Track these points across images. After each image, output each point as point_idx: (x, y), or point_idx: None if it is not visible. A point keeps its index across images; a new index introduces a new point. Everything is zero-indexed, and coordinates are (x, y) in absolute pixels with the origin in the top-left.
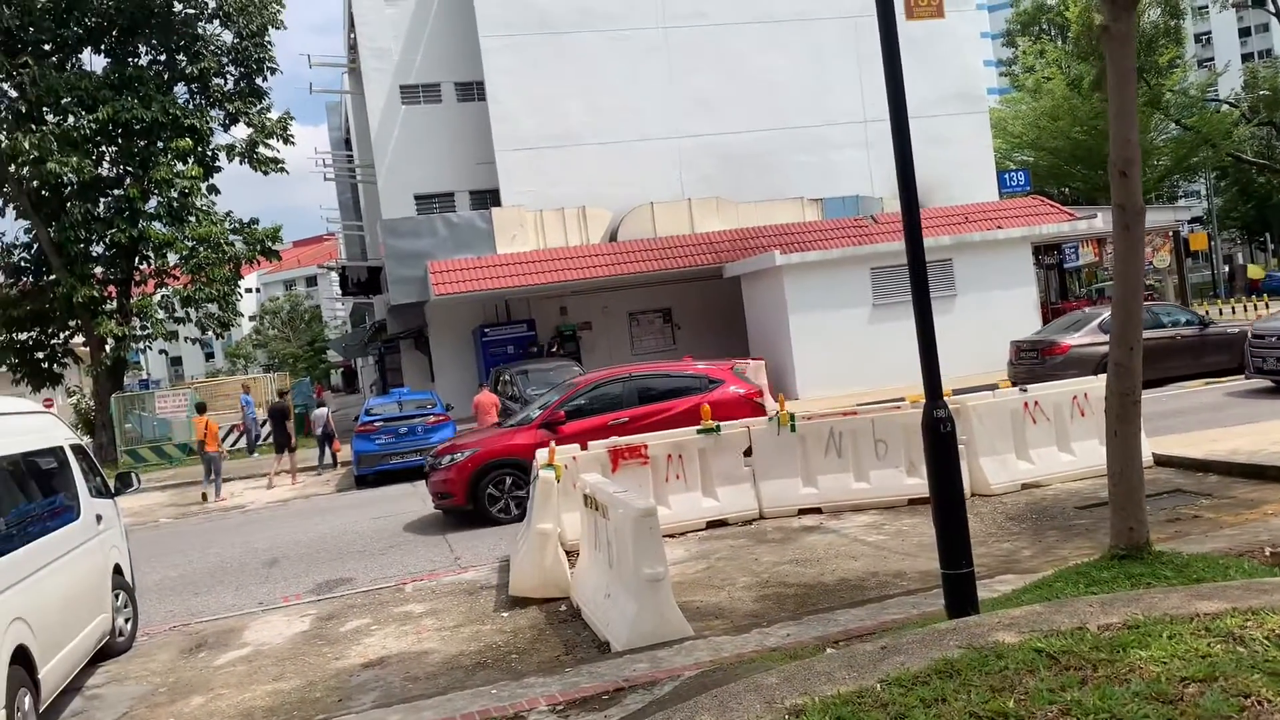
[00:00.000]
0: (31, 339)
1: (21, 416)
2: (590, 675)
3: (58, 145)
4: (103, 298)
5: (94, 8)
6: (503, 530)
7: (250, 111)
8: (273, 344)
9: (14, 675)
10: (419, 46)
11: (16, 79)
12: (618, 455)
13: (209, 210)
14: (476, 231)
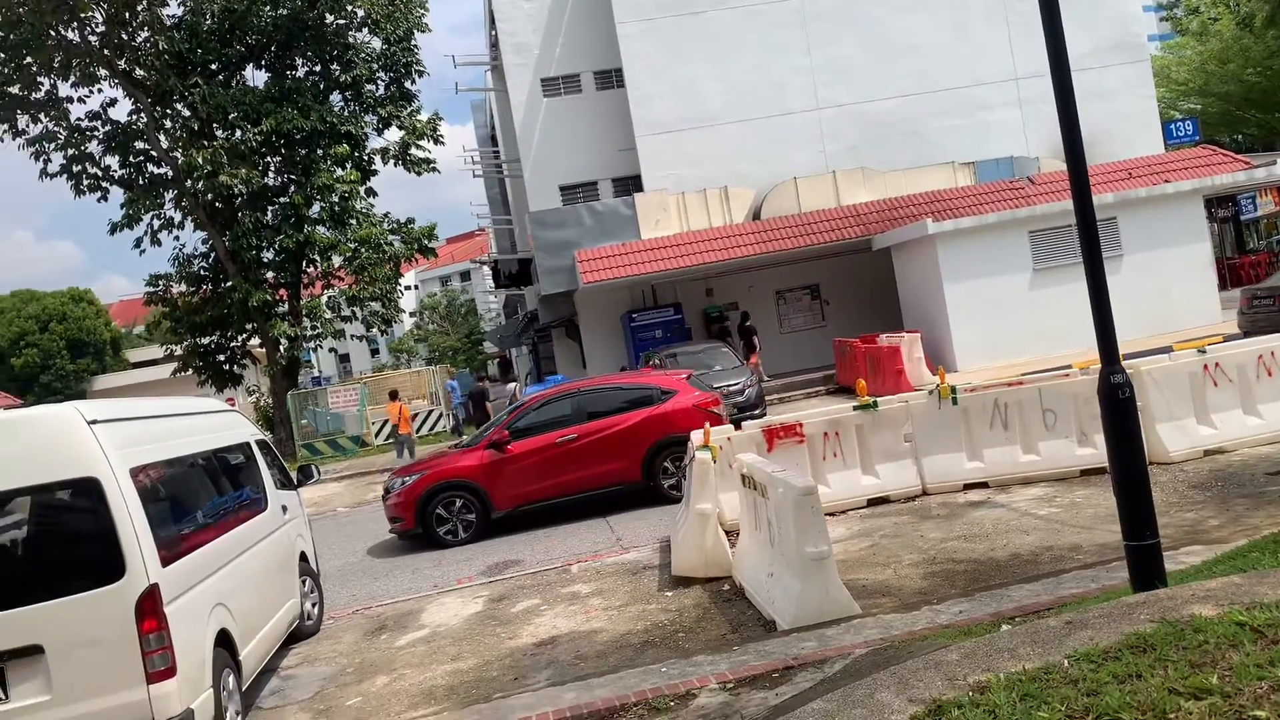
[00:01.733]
0: (213, 342)
1: (213, 415)
2: (758, 653)
3: (228, 158)
4: (275, 301)
5: (254, 26)
6: (664, 511)
7: (401, 115)
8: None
9: (218, 657)
10: (557, 38)
11: (189, 98)
12: (773, 434)
13: (368, 213)
14: (620, 218)
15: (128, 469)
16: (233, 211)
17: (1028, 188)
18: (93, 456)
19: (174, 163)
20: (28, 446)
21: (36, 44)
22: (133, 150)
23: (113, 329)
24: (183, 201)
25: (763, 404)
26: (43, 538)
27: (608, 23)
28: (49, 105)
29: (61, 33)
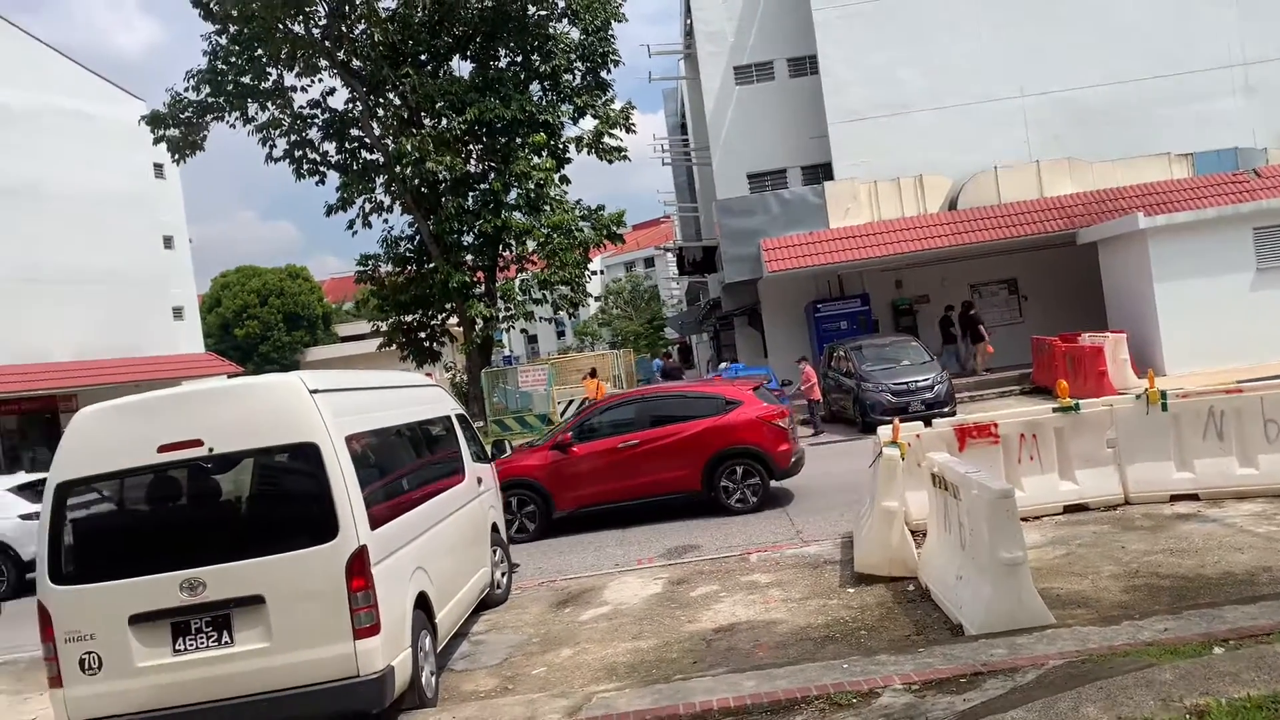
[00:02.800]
0: (415, 320)
1: (419, 389)
2: (945, 657)
3: (434, 146)
4: (473, 282)
5: (462, 18)
6: (845, 506)
7: (596, 104)
8: (616, 322)
9: (417, 619)
10: (752, 26)
11: (400, 88)
12: (965, 434)
13: (561, 199)
14: (809, 207)
15: (343, 436)
16: (437, 197)
17: (1253, 181)
18: (313, 423)
19: (385, 149)
20: (256, 411)
21: (266, 37)
22: (348, 137)
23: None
24: (392, 186)
25: (952, 401)
26: (265, 496)
27: (803, 9)
28: (275, 95)
29: (289, 26)
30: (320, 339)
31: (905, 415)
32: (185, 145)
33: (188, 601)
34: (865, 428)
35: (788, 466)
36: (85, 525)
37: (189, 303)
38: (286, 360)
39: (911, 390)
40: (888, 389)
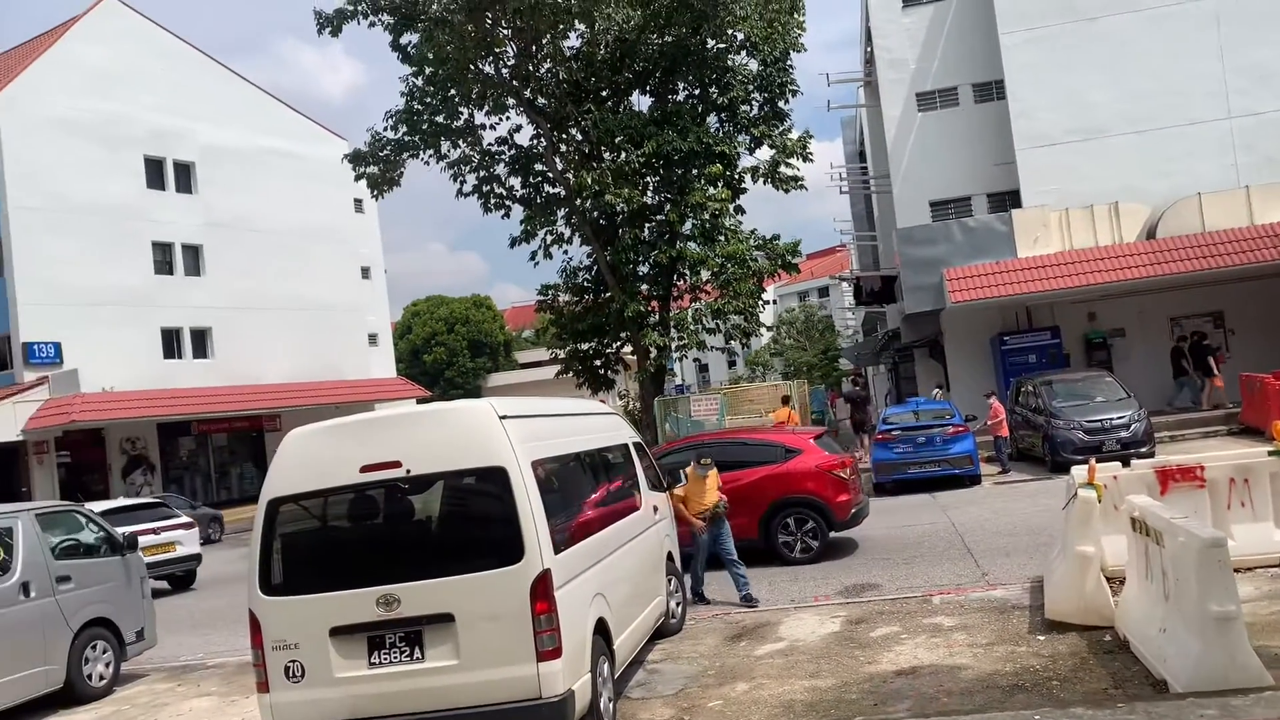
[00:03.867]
0: (591, 349)
1: (598, 416)
2: (1147, 714)
3: (613, 179)
4: (648, 312)
5: (642, 54)
6: (1034, 549)
7: (773, 134)
8: (789, 353)
9: (596, 644)
10: (935, 52)
11: (582, 124)
12: (1167, 476)
13: (736, 229)
14: (995, 235)
15: (529, 461)
16: (615, 228)
17: None
18: (501, 448)
19: (566, 183)
20: (449, 436)
21: (459, 78)
22: (532, 172)
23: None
24: (572, 219)
25: (1151, 441)
26: (455, 517)
27: (990, 34)
28: (466, 132)
29: (480, 68)
30: (501, 365)
31: (1099, 455)
32: (383, 182)
33: (383, 616)
34: (1055, 467)
35: (846, 518)
36: (292, 540)
37: (383, 330)
38: (470, 385)
39: (1106, 428)
40: (1080, 427)
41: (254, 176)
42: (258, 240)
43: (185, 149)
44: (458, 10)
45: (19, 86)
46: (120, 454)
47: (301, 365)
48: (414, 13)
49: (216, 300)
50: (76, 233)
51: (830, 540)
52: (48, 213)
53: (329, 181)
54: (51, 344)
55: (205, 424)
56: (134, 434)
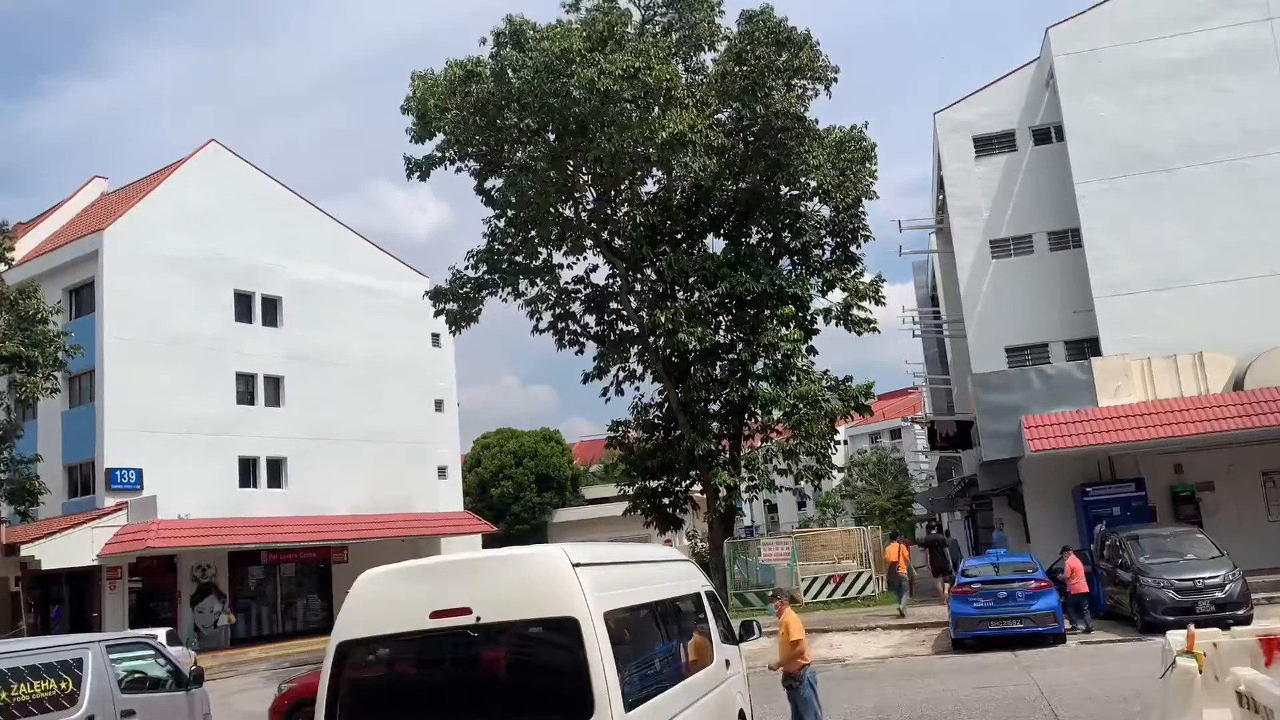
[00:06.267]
0: (660, 486)
1: (671, 564)
2: None
3: (686, 318)
4: (718, 450)
5: (717, 199)
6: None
7: (845, 277)
8: (860, 495)
9: None
10: (1009, 200)
11: (656, 264)
12: (1272, 645)
13: (808, 370)
14: (1074, 383)
15: (602, 612)
16: (686, 366)
17: None
18: (574, 598)
19: (640, 321)
20: (520, 582)
21: (540, 221)
22: (606, 310)
23: (573, 467)
24: (645, 356)
25: (1248, 603)
26: (524, 667)
27: (1064, 183)
28: (544, 271)
29: (560, 210)
30: (569, 500)
31: (1192, 617)
32: (462, 318)
33: None
34: (1145, 627)
35: None
36: (360, 684)
37: (453, 462)
38: (536, 520)
39: (1199, 588)
40: (1171, 585)
41: (337, 311)
42: (336, 373)
43: (274, 284)
44: (541, 158)
45: (124, 223)
46: (191, 581)
47: (371, 497)
48: (498, 159)
49: (293, 431)
50: (165, 363)
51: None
52: (140, 343)
53: (409, 316)
54: (133, 470)
55: (275, 554)
56: (205, 561)
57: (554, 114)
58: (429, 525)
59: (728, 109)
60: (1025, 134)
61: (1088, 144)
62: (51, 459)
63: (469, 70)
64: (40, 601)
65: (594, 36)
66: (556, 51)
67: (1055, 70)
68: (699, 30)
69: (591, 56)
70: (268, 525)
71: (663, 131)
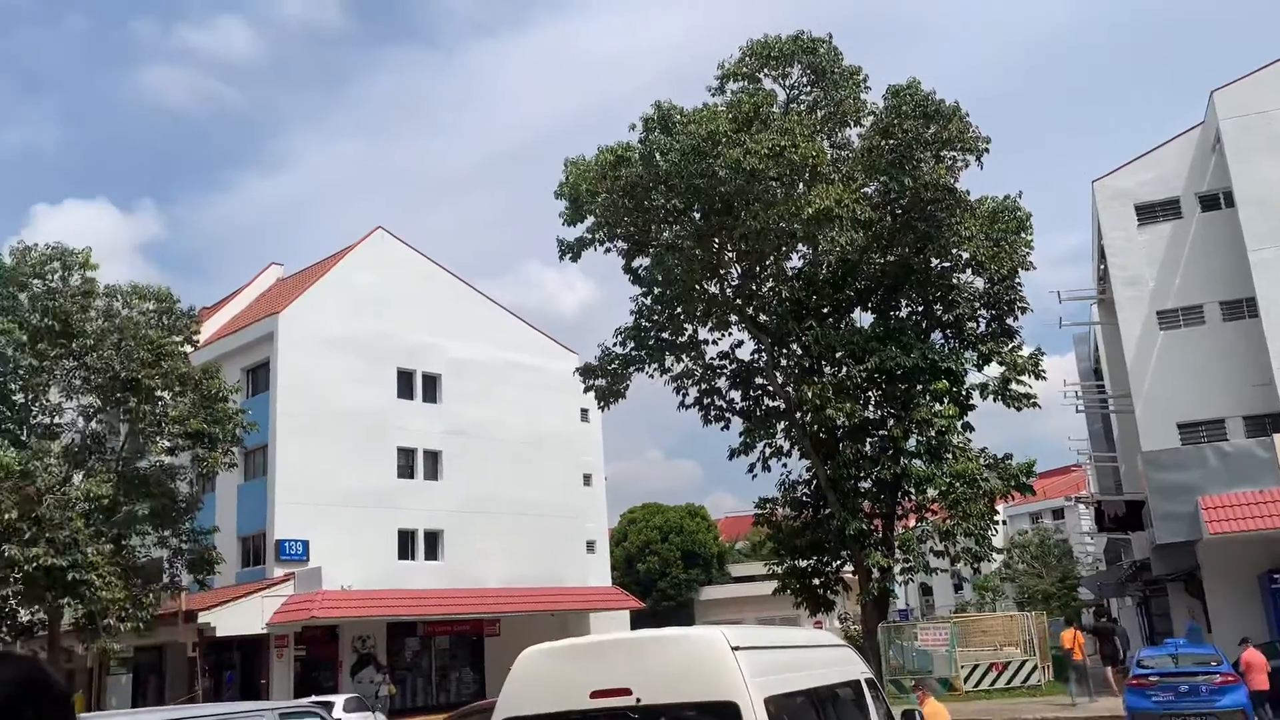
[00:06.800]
0: (810, 566)
1: (830, 649)
2: None
3: (834, 393)
4: (870, 530)
5: (864, 273)
6: None
7: (1002, 351)
8: (1021, 578)
9: None
10: (1176, 269)
11: (803, 340)
12: None
13: (964, 447)
14: (1256, 462)
15: (763, 697)
16: (835, 442)
17: None
18: (734, 682)
19: (787, 397)
20: (679, 664)
21: (686, 298)
22: (753, 385)
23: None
24: (792, 432)
25: None
26: None
27: (1236, 250)
28: (690, 347)
29: (705, 287)
30: (715, 578)
31: None
32: (610, 394)
33: None
34: None
35: None
36: None
37: (600, 536)
38: (682, 598)
39: None
40: None
41: (492, 387)
42: (491, 447)
43: (434, 362)
44: (687, 237)
45: (297, 307)
46: (352, 651)
47: (522, 570)
48: (646, 240)
49: (450, 504)
50: (332, 438)
51: None
52: (309, 419)
53: (559, 391)
54: (300, 542)
55: (431, 626)
56: (365, 632)
57: (700, 194)
58: (579, 600)
59: (875, 182)
60: (1191, 200)
61: (1260, 209)
62: (227, 530)
63: (619, 155)
64: (214, 667)
65: (739, 118)
66: (703, 134)
67: (1222, 134)
68: (844, 106)
69: (737, 137)
70: (425, 597)
71: (809, 207)
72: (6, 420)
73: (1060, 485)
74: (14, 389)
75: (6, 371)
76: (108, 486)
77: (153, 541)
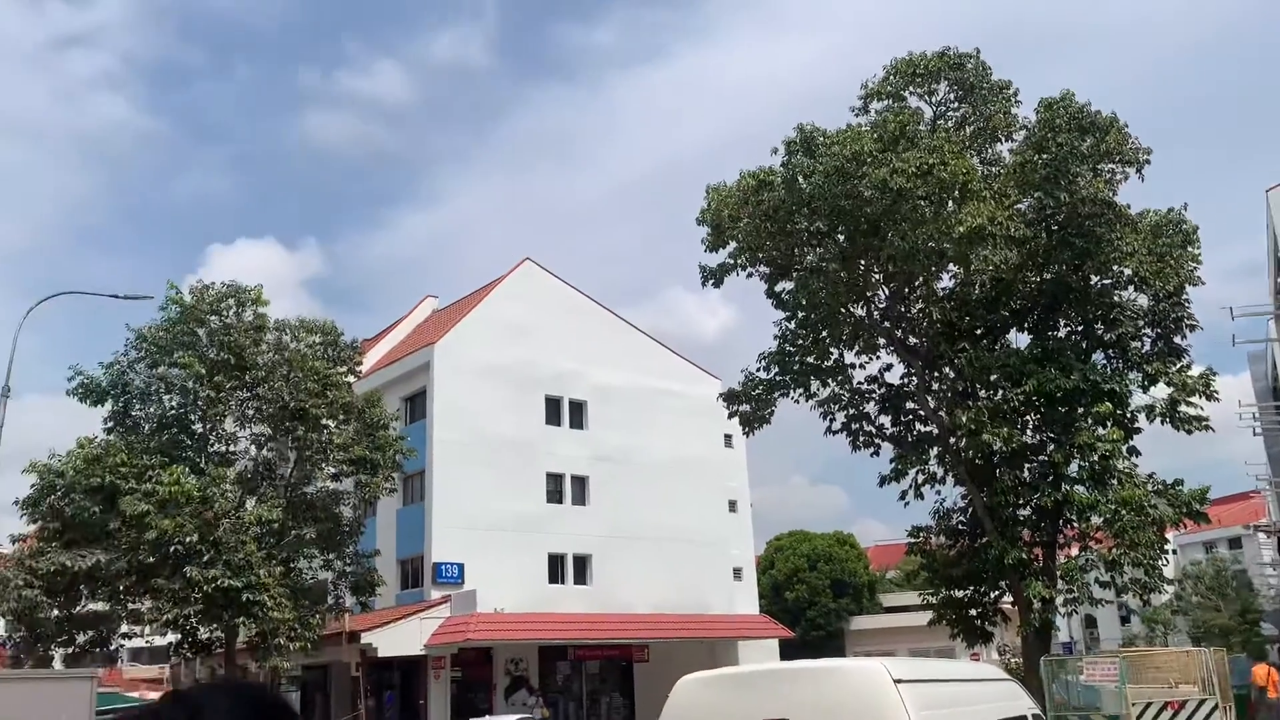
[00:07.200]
0: (966, 596)
1: (995, 683)
2: None
3: (989, 418)
4: (1030, 560)
5: (1019, 292)
6: None
7: (1169, 371)
8: (1195, 612)
9: None
10: None
11: (955, 362)
12: None
13: (1130, 472)
14: None
15: None
16: (991, 468)
17: None
18: (897, 716)
19: (940, 422)
20: (839, 696)
21: (831, 321)
22: (903, 410)
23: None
24: (945, 458)
25: None
26: None
27: None
28: (836, 372)
29: (851, 310)
30: (865, 608)
31: None
32: (755, 419)
33: None
34: None
35: None
36: None
37: (747, 564)
38: (832, 627)
39: None
40: None
41: (637, 414)
42: (636, 473)
43: (580, 389)
44: (832, 259)
45: (451, 338)
46: (504, 674)
47: (668, 596)
48: (789, 263)
49: (597, 529)
50: (485, 463)
51: None
52: (463, 446)
53: (702, 417)
54: (456, 565)
55: (581, 650)
56: (517, 655)
57: (845, 215)
58: (727, 627)
59: (1028, 198)
60: None
61: None
62: (387, 553)
63: (760, 179)
64: (375, 687)
65: (885, 137)
66: (847, 154)
67: None
68: (994, 121)
69: (883, 156)
70: (574, 621)
71: (960, 226)
72: (187, 449)
73: (1237, 513)
74: (194, 419)
75: (187, 403)
76: (278, 511)
77: (319, 564)
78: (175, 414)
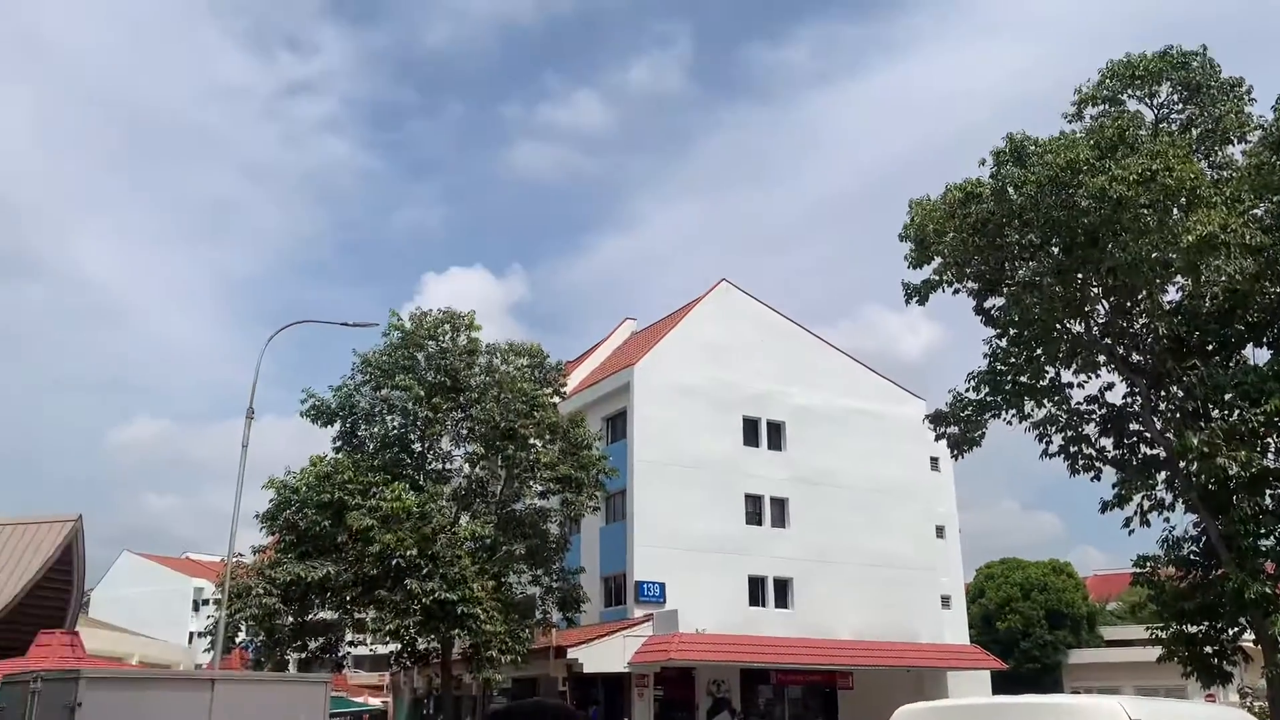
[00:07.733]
0: (1200, 632)
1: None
2: None
3: (1224, 440)
4: (1273, 594)
5: (1256, 304)
6: None
7: None
8: None
9: None
10: None
11: (1185, 380)
12: None
13: None
14: None
15: None
16: (1228, 494)
17: None
18: None
19: (1167, 444)
20: None
21: (1045, 338)
22: (1126, 431)
23: (1088, 603)
24: (1174, 483)
25: None
26: None
27: None
28: (1052, 392)
29: (1068, 326)
30: (1084, 641)
31: None
32: (963, 442)
33: None
34: None
35: None
36: None
37: (956, 592)
38: (1048, 660)
39: None
40: None
41: (836, 435)
42: (836, 495)
43: (778, 410)
44: (1046, 273)
45: (650, 359)
46: (706, 695)
47: (872, 622)
48: (999, 278)
49: (797, 552)
50: (684, 484)
51: None
52: (663, 465)
53: (905, 439)
54: (657, 584)
55: (784, 674)
56: (719, 676)
57: (1060, 227)
58: (935, 657)
59: (1265, 203)
60: None
61: None
62: (591, 570)
63: (968, 191)
64: (581, 702)
65: (1101, 143)
66: (1061, 163)
67: None
68: (1224, 122)
69: (1100, 164)
70: (777, 645)
71: (1188, 234)
72: (407, 467)
73: None
74: (413, 439)
75: (408, 423)
76: (490, 527)
77: (527, 579)
78: (396, 434)
